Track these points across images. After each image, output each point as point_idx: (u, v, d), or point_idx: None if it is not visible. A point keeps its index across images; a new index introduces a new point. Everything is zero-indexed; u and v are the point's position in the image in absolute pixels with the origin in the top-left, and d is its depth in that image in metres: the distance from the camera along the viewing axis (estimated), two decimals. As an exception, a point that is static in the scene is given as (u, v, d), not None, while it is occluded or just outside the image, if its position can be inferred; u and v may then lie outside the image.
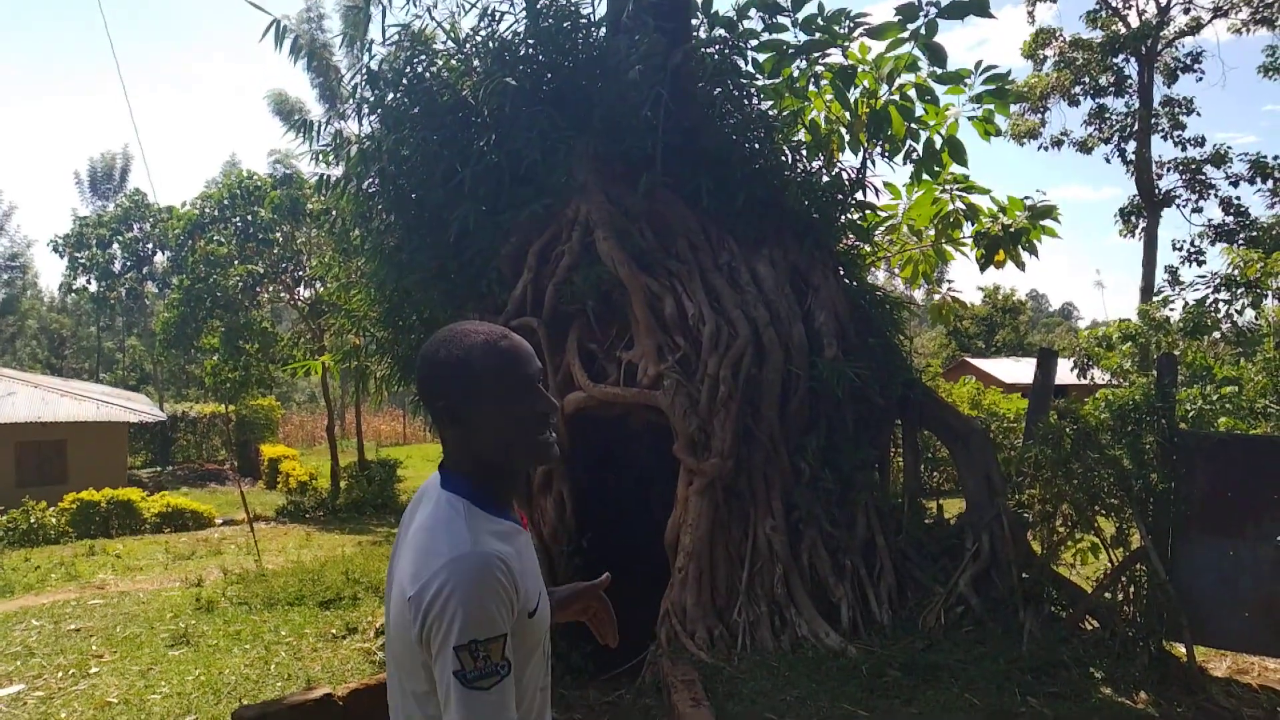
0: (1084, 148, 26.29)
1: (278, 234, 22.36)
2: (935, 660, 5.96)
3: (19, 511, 15.20)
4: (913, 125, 8.25)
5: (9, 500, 15.85)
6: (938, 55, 7.65)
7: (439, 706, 1.52)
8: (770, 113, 8.18)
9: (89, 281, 36.41)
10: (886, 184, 8.87)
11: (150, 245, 35.37)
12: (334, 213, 9.04)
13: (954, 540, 7.15)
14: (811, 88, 8.50)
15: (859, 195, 8.23)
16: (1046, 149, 26.30)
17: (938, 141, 8.36)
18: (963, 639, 6.30)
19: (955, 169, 8.69)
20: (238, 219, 23.62)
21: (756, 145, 7.70)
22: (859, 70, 8.14)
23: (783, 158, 8.14)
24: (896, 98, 8.14)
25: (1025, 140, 26.46)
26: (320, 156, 7.91)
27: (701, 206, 6.80)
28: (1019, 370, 29.00)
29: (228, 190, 23.67)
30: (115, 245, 35.51)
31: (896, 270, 9.88)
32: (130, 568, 12.33)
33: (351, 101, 7.86)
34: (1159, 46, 24.37)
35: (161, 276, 35.96)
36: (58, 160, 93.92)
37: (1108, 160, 25.86)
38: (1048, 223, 8.64)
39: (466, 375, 1.64)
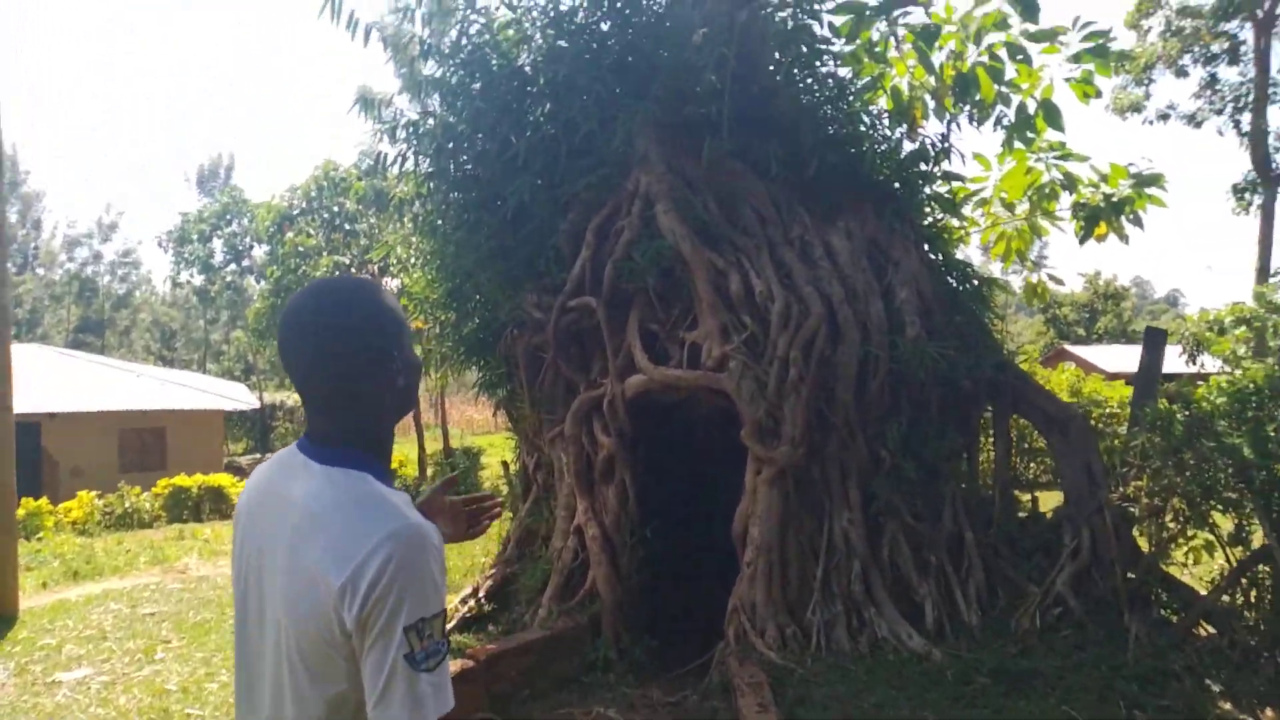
0: (1193, 121, 24.73)
1: (363, 224, 22.64)
2: (1029, 667, 5.44)
3: (115, 496, 15.66)
4: (1003, 89, 7.61)
5: (112, 485, 16.33)
6: (1030, 10, 7.01)
7: (358, 706, 1.38)
8: (846, 78, 7.66)
9: (192, 276, 37.87)
10: (975, 155, 8.26)
11: (248, 240, 36.42)
12: (395, 195, 8.88)
13: (1050, 536, 6.60)
14: (892, 51, 7.96)
15: (944, 165, 7.65)
16: (1151, 123, 24.83)
17: (1031, 106, 7.71)
18: (1060, 644, 5.77)
19: (1050, 135, 8.02)
20: (325, 210, 24.06)
21: (830, 111, 7.20)
22: (944, 30, 7.56)
23: (860, 126, 7.62)
24: (985, 59, 7.52)
25: (1127, 114, 25.03)
26: (382, 135, 7.73)
27: (771, 176, 6.35)
28: (1122, 358, 27.58)
29: (315, 183, 24.11)
30: (215, 240, 36.76)
31: (986, 247, 9.23)
32: (215, 552, 12.50)
33: (419, 80, 7.67)
34: (1278, 9, 22.70)
35: (258, 269, 37.01)
36: (171, 162, 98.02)
37: (1220, 133, 24.27)
38: (1154, 191, 7.91)
39: (379, 334, 1.51)
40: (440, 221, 7.34)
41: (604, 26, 7.07)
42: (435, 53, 7.26)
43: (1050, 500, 7.44)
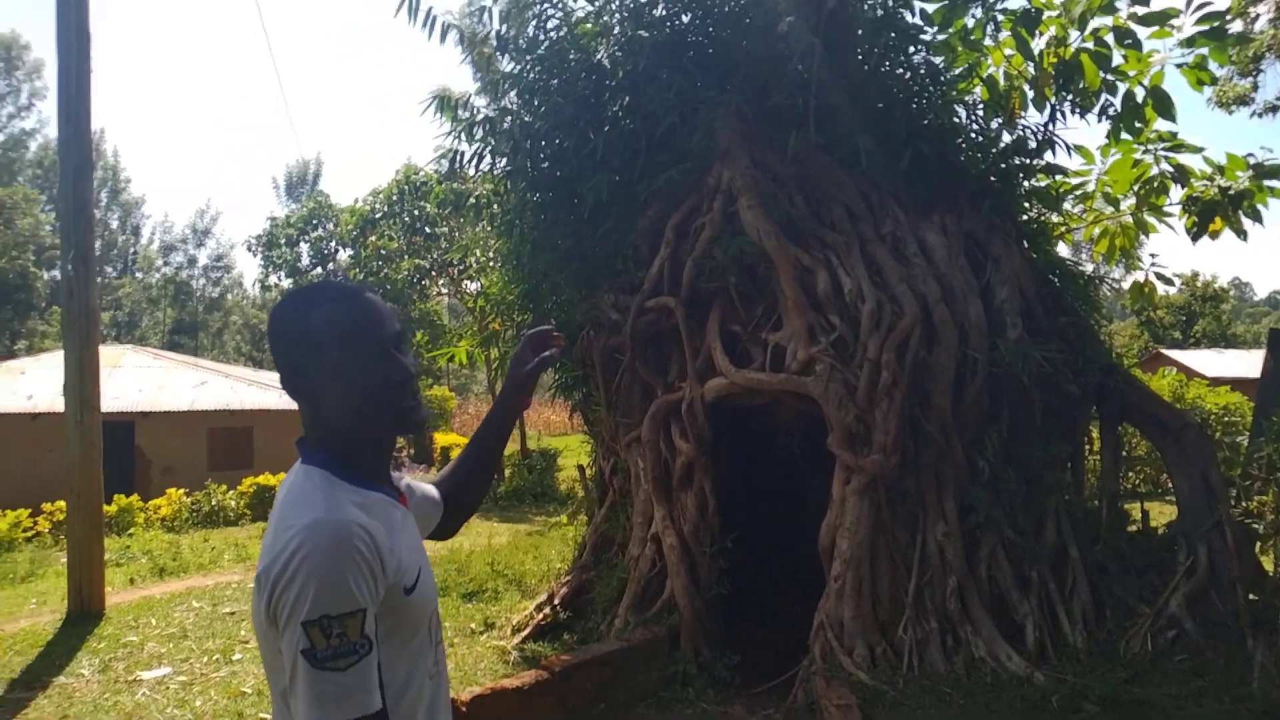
0: (1307, 112, 23.32)
1: (443, 228, 22.83)
2: (1142, 695, 5.05)
3: (202, 494, 16.03)
4: (1109, 76, 7.16)
5: (202, 483, 16.72)
6: (1140, -11, 6.57)
7: None
8: (940, 67, 7.29)
9: (280, 279, 38.94)
10: (1078, 147, 7.75)
11: (333, 244, 37.21)
12: (473, 197, 8.78)
13: (1163, 552, 6.20)
14: (987, 39, 7.56)
15: (1045, 158, 7.22)
16: (1259, 115, 23.51)
17: (1139, 94, 7.23)
18: (1175, 670, 5.37)
19: (1160, 125, 7.51)
20: (405, 214, 24.36)
21: (923, 102, 6.84)
22: (1045, 15, 7.14)
23: (955, 118, 7.24)
24: (1090, 44, 7.09)
25: (1234, 107, 23.77)
26: (459, 135, 7.62)
27: (860, 169, 6.03)
28: (1222, 363, 26.27)
29: (396, 186, 24.43)
30: (302, 244, 37.70)
31: (1089, 245, 8.72)
32: (294, 552, 12.64)
33: (496, 78, 7.55)
34: (1400, -8, 21.27)
35: (343, 273, 37.87)
36: (259, 168, 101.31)
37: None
38: (1275, 184, 7.35)
39: (306, 343, 1.50)
40: (517, 222, 7.20)
41: (685, 18, 6.85)
42: (512, 49, 7.13)
43: (1161, 514, 6.95)
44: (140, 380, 21.00)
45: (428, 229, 23.09)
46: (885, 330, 5.70)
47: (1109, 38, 7.02)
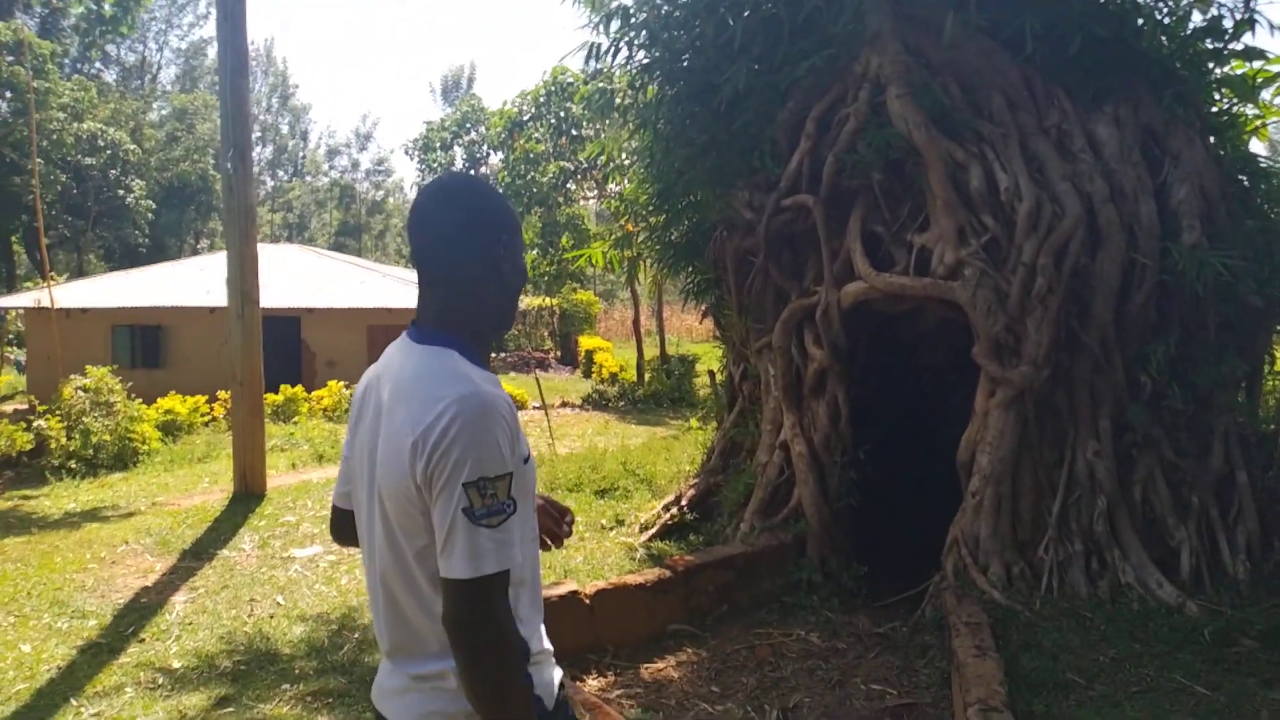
0: None
1: (589, 130, 22.71)
2: (1310, 633, 4.61)
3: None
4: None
5: (361, 376, 17.65)
6: None
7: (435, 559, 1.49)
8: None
9: (437, 183, 40.01)
10: (1283, 28, 6.83)
11: (484, 147, 37.82)
12: (618, 97, 8.57)
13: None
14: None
15: (1244, 41, 6.38)
16: None
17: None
18: (1351, 609, 4.86)
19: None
20: (552, 116, 24.34)
21: (1101, -23, 6.13)
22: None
23: (1136, -5, 6.47)
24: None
25: None
26: (597, 27, 7.41)
27: (1025, 55, 5.48)
28: None
29: (544, 88, 24.39)
30: (456, 148, 38.50)
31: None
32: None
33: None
34: None
35: (494, 176, 38.61)
36: (418, 76, 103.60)
37: None
38: None
39: (496, 223, 1.65)
40: (653, 117, 6.98)
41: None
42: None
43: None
44: (306, 278, 22.15)
45: (574, 131, 23.02)
46: (1044, 232, 5.25)
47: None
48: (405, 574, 1.55)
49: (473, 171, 39.46)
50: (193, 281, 19.99)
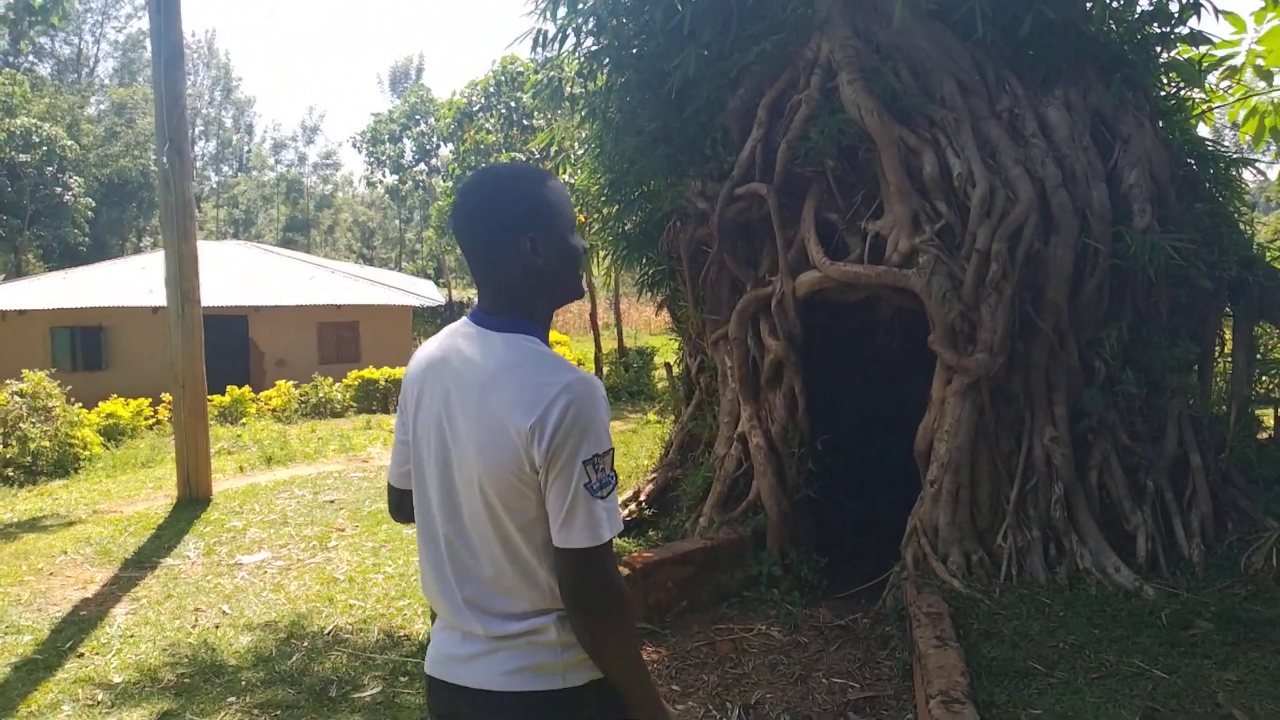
0: None
1: (540, 120, 22.49)
2: (1262, 613, 4.66)
3: (310, 386, 16.56)
4: (1270, -75, 6.27)
5: (311, 376, 17.26)
6: None
7: (544, 530, 1.60)
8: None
9: (384, 175, 39.38)
10: (1226, 14, 6.87)
11: (434, 139, 37.35)
12: (567, 86, 8.39)
13: (1297, 463, 5.63)
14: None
15: (1190, 25, 6.41)
16: None
17: (1306, -54, 6.32)
18: (1301, 587, 4.90)
19: (1329, -15, 6.57)
20: (502, 106, 24.06)
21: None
22: None
23: (1086, -21, 6.47)
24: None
25: None
26: (545, 14, 7.23)
27: (975, 39, 5.44)
28: (1379, 262, 24.07)
29: (494, 78, 24.10)
30: (405, 140, 37.95)
31: (1235, 125, 7.84)
32: (396, 443, 12.98)
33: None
34: None
35: (444, 168, 38.09)
36: (365, 67, 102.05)
37: None
38: None
39: (547, 209, 1.70)
40: (602, 105, 6.85)
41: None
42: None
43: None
44: (252, 275, 21.67)
45: (525, 121, 22.80)
46: (997, 218, 5.22)
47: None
48: (507, 545, 1.63)
49: (422, 165, 38.90)
50: (135, 280, 19.47)
